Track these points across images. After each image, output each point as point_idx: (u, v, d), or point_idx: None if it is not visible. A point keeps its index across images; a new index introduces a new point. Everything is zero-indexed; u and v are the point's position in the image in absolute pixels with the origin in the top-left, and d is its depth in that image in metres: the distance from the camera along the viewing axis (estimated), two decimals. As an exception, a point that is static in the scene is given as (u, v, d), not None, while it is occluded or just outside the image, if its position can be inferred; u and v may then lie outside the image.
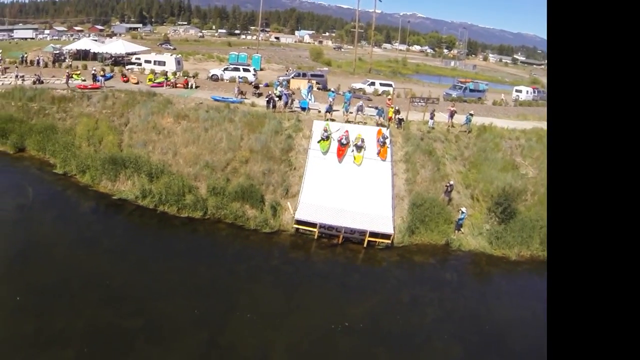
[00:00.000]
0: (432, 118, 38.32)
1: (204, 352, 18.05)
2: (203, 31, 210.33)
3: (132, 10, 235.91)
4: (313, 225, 28.34)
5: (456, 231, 29.90)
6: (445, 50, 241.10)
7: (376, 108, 39.98)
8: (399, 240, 28.83)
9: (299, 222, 28.62)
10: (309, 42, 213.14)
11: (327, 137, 32.77)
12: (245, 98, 42.36)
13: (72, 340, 17.43)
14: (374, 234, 28.02)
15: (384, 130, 30.78)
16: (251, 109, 38.68)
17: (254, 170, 31.25)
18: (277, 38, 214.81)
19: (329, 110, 37.82)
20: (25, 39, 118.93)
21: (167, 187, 29.53)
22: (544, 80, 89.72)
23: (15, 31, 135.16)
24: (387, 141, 30.12)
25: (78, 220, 27.94)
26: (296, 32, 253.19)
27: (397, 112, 38.30)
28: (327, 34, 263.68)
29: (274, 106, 38.86)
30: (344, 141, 32.26)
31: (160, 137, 34.17)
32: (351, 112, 38.99)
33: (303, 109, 39.34)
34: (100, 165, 31.67)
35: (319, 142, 32.57)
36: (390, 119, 37.97)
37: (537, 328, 20.67)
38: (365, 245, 28.09)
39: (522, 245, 29.12)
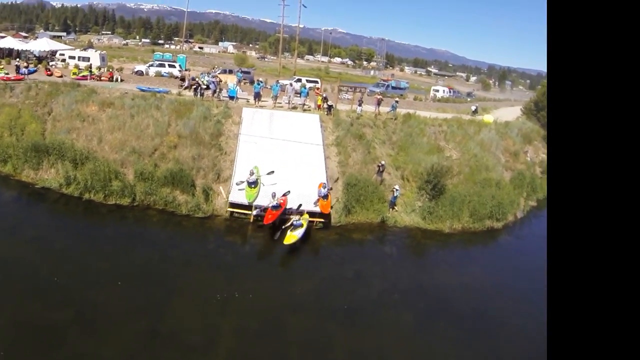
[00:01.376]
0: (360, 105, 38.17)
1: (144, 341, 15.69)
2: (127, 40, 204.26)
3: (56, 19, 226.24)
4: (248, 207, 26.57)
5: (390, 209, 29.40)
6: (365, 62, 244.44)
7: (299, 94, 40.14)
8: (335, 220, 27.85)
9: (233, 205, 26.74)
10: (232, 52, 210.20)
11: (256, 183, 26.88)
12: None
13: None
14: (311, 214, 26.70)
15: (324, 182, 27.99)
16: (178, 97, 36.50)
17: (183, 155, 29.05)
18: (200, 48, 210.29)
19: (257, 97, 36.91)
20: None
21: (93, 174, 26.80)
22: (456, 87, 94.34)
23: None
24: (329, 193, 27.52)
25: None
26: (220, 43, 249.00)
27: (325, 99, 37.81)
28: (250, 45, 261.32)
29: (202, 94, 37.10)
30: (275, 204, 25.17)
31: (85, 125, 31.24)
32: (279, 103, 38.41)
33: (231, 97, 37.66)
34: (23, 153, 28.56)
35: (242, 189, 26.81)
36: (319, 106, 37.44)
37: (478, 290, 22.28)
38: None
39: (454, 219, 29.61)
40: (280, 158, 29.93)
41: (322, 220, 27.23)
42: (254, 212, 26.41)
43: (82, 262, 19.99)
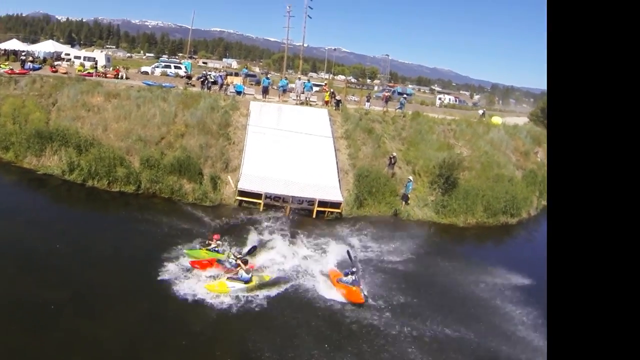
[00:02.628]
0: (368, 101, 37.97)
1: (144, 323, 14.68)
2: (131, 54, 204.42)
3: (61, 32, 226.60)
4: (258, 196, 25.70)
5: (404, 202, 28.50)
6: (369, 80, 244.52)
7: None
8: (347, 212, 27.03)
9: (242, 192, 25.88)
10: (236, 68, 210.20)
11: (215, 251, 19.68)
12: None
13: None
14: (322, 204, 25.95)
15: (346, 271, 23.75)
16: (185, 91, 35.65)
17: (190, 143, 28.19)
18: (205, 62, 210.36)
19: (265, 91, 36.63)
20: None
21: (97, 160, 25.88)
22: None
23: None
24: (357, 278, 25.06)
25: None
26: (224, 59, 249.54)
27: (333, 94, 37.32)
28: (254, 61, 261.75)
29: (209, 88, 36.65)
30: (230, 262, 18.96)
31: (90, 114, 30.36)
32: (285, 100, 37.78)
33: (238, 92, 36.98)
34: (25, 140, 27.78)
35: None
36: (326, 102, 36.82)
37: (493, 284, 20.81)
38: (314, 216, 25.99)
39: (467, 213, 28.90)
40: (289, 149, 29.14)
41: (335, 210, 26.41)
42: (264, 201, 25.54)
43: (81, 245, 19.04)
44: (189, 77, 43.98)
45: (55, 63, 47.62)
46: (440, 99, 72.07)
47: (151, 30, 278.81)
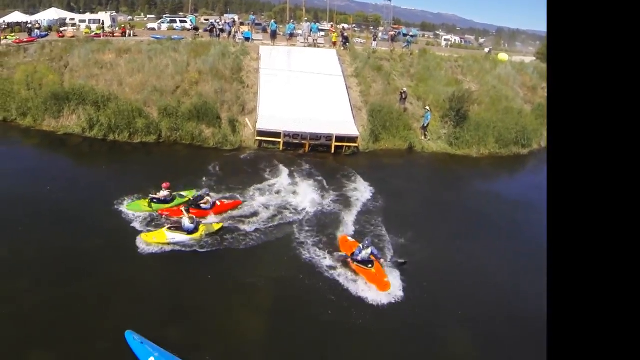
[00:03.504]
0: (375, 40, 37.98)
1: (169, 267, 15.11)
2: (132, 17, 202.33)
3: (59, 2, 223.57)
4: (277, 135, 26.31)
5: (423, 133, 29.30)
6: (372, 28, 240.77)
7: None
8: (363, 147, 27.69)
9: (261, 133, 26.49)
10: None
11: (168, 201, 18.71)
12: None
13: (26, 266, 13.96)
14: (340, 139, 26.54)
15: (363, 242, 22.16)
16: (194, 40, 35.73)
17: (205, 90, 28.63)
18: (207, 20, 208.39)
19: (273, 35, 37.04)
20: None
21: (116, 114, 26.39)
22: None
23: None
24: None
25: (20, 156, 24.46)
26: (225, 15, 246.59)
27: (342, 32, 37.89)
28: (256, 15, 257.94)
29: (218, 36, 37.03)
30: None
31: (103, 71, 30.68)
32: (293, 44, 37.92)
33: (247, 39, 37.12)
34: (42, 103, 28.05)
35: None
36: (334, 44, 37.04)
37: (511, 205, 22.32)
38: (332, 151, 26.60)
39: (480, 144, 29.58)
40: (302, 89, 29.57)
41: (352, 145, 26.98)
42: (283, 140, 26.30)
43: (108, 194, 19.08)
44: (195, 29, 44.01)
45: (61, 29, 47.59)
46: (446, 40, 71.27)
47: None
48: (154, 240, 15.77)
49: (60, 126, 27.60)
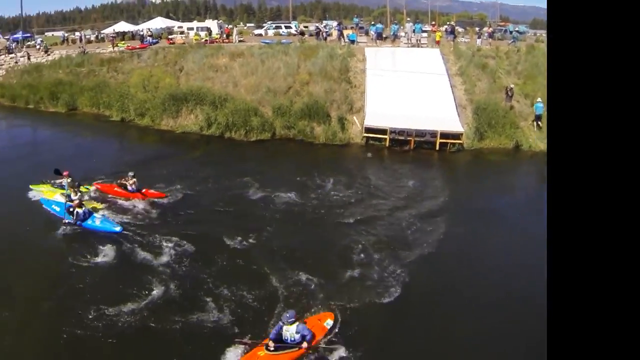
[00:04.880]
0: (479, 38, 37.96)
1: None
2: (231, 25, 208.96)
3: (158, 13, 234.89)
4: (383, 132, 27.39)
5: (536, 124, 28.81)
6: (477, 28, 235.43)
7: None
8: (468, 145, 27.86)
9: (368, 129, 27.74)
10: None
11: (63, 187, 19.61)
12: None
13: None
14: (444, 136, 27.09)
15: None
16: (303, 44, 37.88)
17: (315, 90, 30.33)
18: (306, 27, 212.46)
19: (378, 37, 38.33)
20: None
21: (233, 113, 28.74)
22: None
23: (45, 34, 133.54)
24: None
25: (140, 151, 26.95)
26: (323, 21, 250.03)
27: (452, 26, 38.77)
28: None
29: (325, 39, 38.90)
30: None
31: (218, 74, 33.42)
32: (397, 45, 38.55)
33: (352, 41, 38.36)
34: (160, 104, 30.99)
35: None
36: (438, 42, 37.57)
37: None
38: (437, 148, 27.15)
39: None
40: (407, 88, 30.34)
41: (457, 142, 27.44)
42: (389, 136, 27.30)
43: (226, 186, 20.71)
44: (301, 34, 45.92)
45: (170, 36, 51.06)
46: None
47: (248, 1, 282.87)
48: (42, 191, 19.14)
49: (178, 125, 30.35)
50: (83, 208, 16.78)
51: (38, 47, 49.03)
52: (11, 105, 37.61)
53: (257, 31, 55.25)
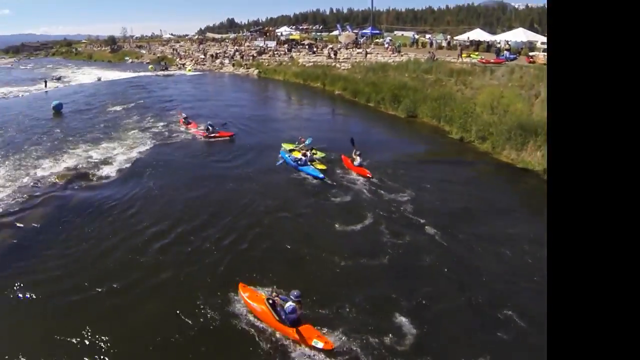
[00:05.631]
0: None
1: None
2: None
3: (520, 21, 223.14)
4: None
5: None
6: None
7: None
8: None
9: None
10: None
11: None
12: None
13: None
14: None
15: None
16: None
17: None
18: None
19: None
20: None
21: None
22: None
23: (395, 32, 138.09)
24: None
25: (472, 182, 24.81)
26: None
27: None
28: None
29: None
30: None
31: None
32: None
33: None
34: (506, 131, 27.87)
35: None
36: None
37: None
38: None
39: None
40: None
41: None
42: None
43: None
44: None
45: (531, 53, 46.98)
46: None
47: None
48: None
49: (520, 160, 26.79)
50: (304, 158, 24.66)
51: (387, 45, 50.39)
52: (352, 99, 39.20)
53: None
